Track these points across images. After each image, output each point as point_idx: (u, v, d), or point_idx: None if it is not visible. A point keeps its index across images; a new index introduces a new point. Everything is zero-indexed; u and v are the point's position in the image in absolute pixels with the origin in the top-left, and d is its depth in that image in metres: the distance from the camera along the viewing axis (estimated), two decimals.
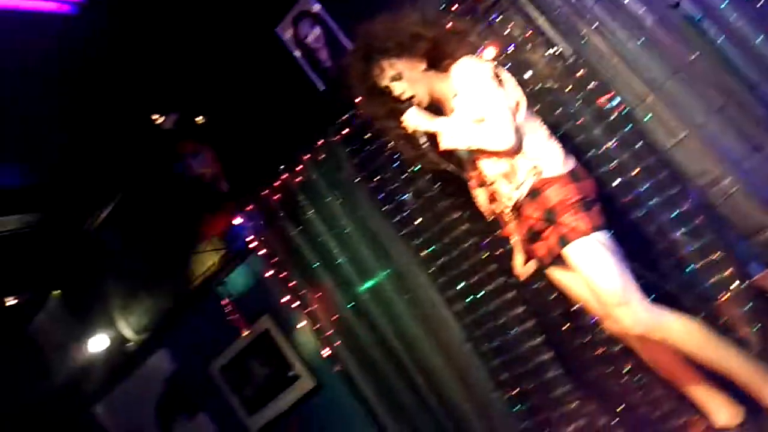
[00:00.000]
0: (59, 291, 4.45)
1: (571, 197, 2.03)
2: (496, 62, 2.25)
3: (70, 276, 4.35)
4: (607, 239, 2.04)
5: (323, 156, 3.15)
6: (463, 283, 2.90)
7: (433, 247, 2.94)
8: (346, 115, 3.01)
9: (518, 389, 2.88)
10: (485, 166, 2.19)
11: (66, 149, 3.48)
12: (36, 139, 3.25)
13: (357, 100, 2.89)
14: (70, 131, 3.36)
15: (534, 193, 2.08)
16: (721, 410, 2.11)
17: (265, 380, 3.95)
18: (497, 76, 2.14)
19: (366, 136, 2.98)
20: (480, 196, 2.37)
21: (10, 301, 4.47)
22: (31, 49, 2.71)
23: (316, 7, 3.07)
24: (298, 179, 3.26)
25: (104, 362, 4.38)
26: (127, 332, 4.27)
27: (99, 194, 3.85)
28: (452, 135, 2.13)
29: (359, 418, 3.63)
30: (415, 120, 2.17)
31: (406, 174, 2.94)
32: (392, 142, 2.87)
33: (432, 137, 2.18)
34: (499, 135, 2.04)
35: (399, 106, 2.21)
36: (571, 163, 2.14)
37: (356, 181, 3.07)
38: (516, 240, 2.29)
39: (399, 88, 2.19)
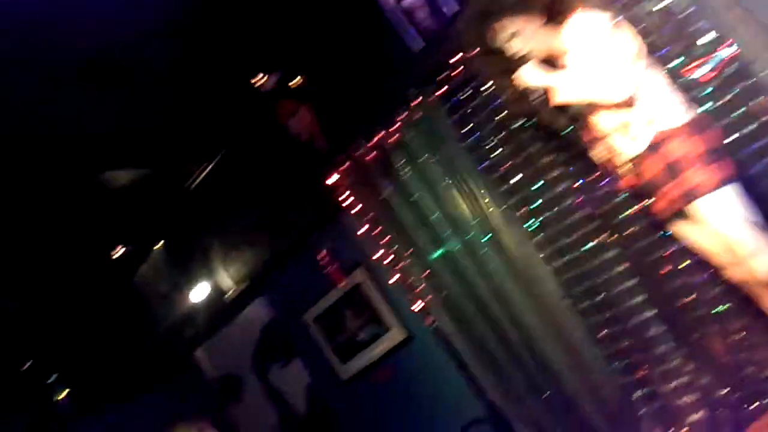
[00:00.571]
0: (162, 243, 4.74)
1: (695, 150, 2.00)
2: (612, 14, 2.20)
3: (174, 229, 4.62)
4: (736, 190, 2.01)
5: (420, 115, 3.18)
6: (563, 240, 2.90)
7: (533, 204, 2.94)
8: (444, 74, 3.01)
9: (618, 346, 2.90)
10: (601, 119, 2.18)
11: (172, 108, 3.65)
12: (145, 97, 3.43)
13: (456, 58, 2.92)
14: (176, 92, 3.52)
15: (654, 146, 2.06)
16: None
17: (357, 331, 4.11)
18: (613, 27, 2.11)
19: (464, 95, 2.99)
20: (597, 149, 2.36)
21: (118, 252, 4.81)
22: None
23: None
24: (394, 138, 3.31)
25: (205, 310, 4.66)
26: (227, 282, 4.52)
27: (203, 151, 4.04)
28: (567, 89, 2.13)
29: (450, 371, 3.75)
30: (530, 75, 2.18)
31: (505, 132, 2.93)
32: (492, 100, 2.90)
33: (546, 92, 2.18)
34: (616, 87, 2.03)
35: (514, 62, 2.21)
36: (692, 114, 2.09)
37: (453, 139, 3.10)
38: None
39: (516, 45, 2.19)
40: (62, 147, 3.33)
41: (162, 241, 4.70)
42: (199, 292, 4.61)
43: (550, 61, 2.24)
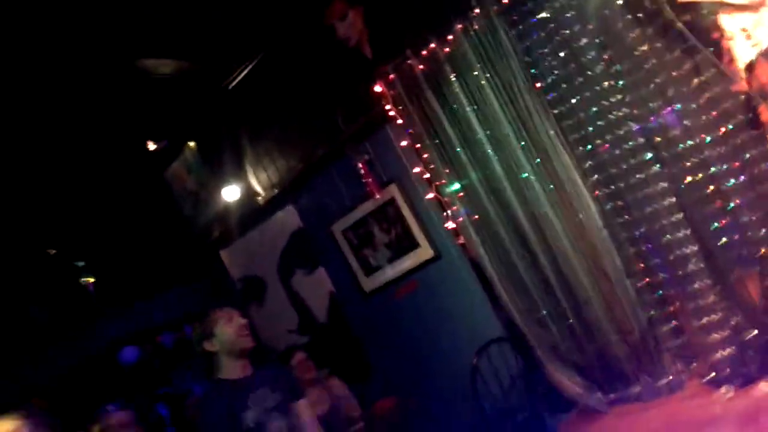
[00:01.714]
0: (196, 142, 4.73)
1: None
2: None
3: (210, 127, 4.59)
4: None
5: (478, 26, 3.06)
6: (611, 169, 2.85)
7: (585, 129, 2.88)
8: None
9: (652, 279, 2.90)
10: (725, 20, 2.11)
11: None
12: None
13: None
14: None
15: None
16: None
17: (385, 245, 4.15)
18: None
19: (528, 9, 2.87)
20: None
21: (152, 145, 4.82)
22: None
23: None
24: (446, 49, 3.20)
25: (235, 212, 4.70)
26: (259, 186, 4.53)
27: (246, 49, 3.95)
28: None
29: (474, 292, 3.81)
30: None
31: (567, 51, 2.83)
32: (557, 16, 2.78)
33: None
34: None
35: None
36: None
37: (510, 56, 3.00)
38: None
39: None
40: (110, 27, 3.26)
41: (196, 139, 4.69)
42: (230, 194, 4.63)
43: None
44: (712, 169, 2.65)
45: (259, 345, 4.92)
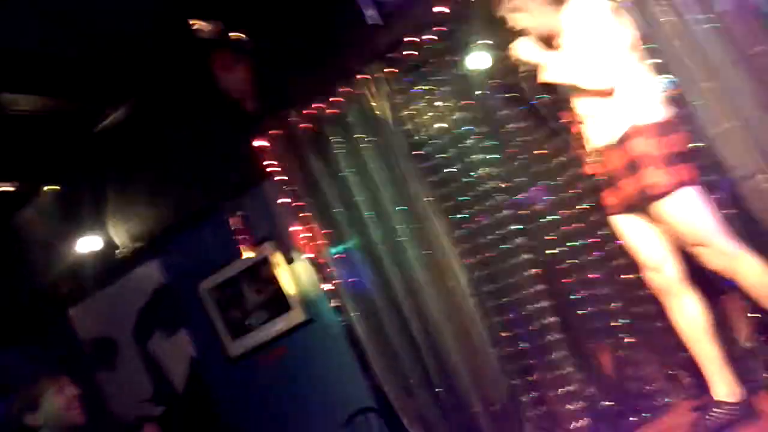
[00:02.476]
0: (54, 186, 4.33)
1: (659, 149, 2.06)
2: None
3: (70, 171, 4.23)
4: (693, 194, 2.07)
5: (362, 91, 3.12)
6: (481, 238, 2.95)
7: (457, 199, 2.97)
8: (394, 53, 2.98)
9: (515, 349, 2.97)
10: (580, 104, 2.23)
11: (94, 37, 3.34)
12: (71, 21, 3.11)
13: (410, 39, 2.91)
14: (104, 20, 3.24)
15: (622, 139, 2.12)
16: (724, 385, 2.17)
17: (255, 307, 3.96)
18: (616, 13, 2.14)
19: (412, 77, 2.98)
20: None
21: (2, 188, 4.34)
22: None
23: None
24: (331, 111, 3.23)
25: (90, 266, 4.29)
26: (121, 237, 4.19)
27: (119, 90, 3.73)
28: (554, 69, 2.16)
29: (343, 357, 3.69)
30: (522, 50, 2.22)
31: (443, 122, 2.95)
32: (438, 87, 2.92)
33: (535, 69, 2.22)
34: (602, 74, 2.07)
35: (510, 36, 2.24)
36: (666, 114, 2.14)
37: (392, 121, 3.07)
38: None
39: (516, 19, 2.21)
40: None
41: (53, 183, 4.29)
42: (86, 245, 4.22)
43: (547, 39, 2.25)
44: (571, 243, 2.81)
45: (106, 416, 4.45)
